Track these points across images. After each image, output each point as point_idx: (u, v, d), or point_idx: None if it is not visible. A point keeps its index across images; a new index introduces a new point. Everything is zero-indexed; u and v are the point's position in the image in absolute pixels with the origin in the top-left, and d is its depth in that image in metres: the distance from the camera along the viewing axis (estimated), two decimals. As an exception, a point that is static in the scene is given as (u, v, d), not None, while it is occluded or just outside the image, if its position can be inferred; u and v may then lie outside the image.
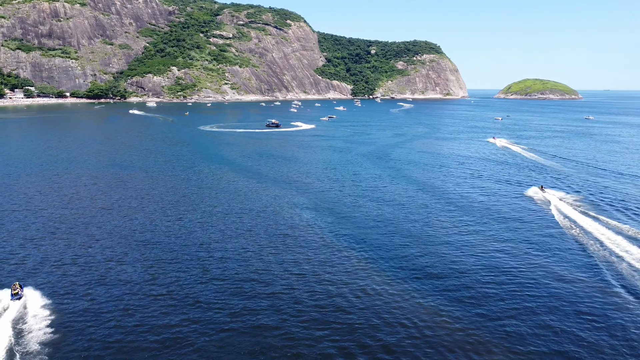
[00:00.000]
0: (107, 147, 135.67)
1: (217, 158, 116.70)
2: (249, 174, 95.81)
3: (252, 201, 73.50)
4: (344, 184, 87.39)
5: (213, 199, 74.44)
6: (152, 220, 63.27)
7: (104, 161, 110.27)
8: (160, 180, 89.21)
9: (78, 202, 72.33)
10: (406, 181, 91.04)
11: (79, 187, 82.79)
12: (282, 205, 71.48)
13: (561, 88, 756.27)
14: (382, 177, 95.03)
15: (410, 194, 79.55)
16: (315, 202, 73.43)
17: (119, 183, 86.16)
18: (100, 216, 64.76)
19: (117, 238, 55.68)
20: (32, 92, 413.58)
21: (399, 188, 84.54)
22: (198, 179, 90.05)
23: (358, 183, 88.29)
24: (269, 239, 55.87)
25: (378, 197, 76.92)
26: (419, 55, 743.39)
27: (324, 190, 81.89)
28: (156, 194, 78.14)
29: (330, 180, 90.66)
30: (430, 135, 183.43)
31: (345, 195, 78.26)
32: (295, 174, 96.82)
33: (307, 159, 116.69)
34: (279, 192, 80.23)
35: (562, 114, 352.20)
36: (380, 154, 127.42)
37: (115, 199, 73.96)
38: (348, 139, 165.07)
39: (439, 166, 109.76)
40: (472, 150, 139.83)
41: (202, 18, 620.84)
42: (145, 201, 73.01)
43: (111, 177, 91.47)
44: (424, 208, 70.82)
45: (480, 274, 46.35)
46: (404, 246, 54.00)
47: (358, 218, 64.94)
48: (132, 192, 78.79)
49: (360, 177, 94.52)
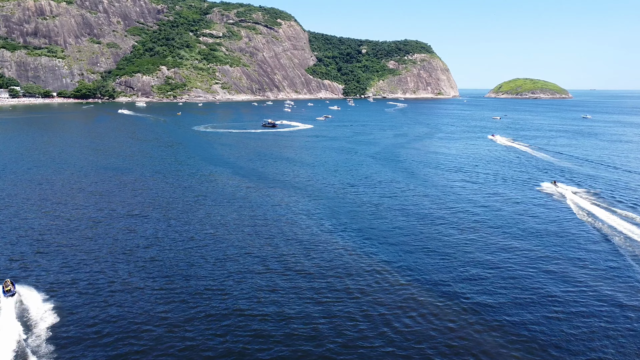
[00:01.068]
0: (98, 149, 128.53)
1: (217, 160, 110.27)
2: (255, 178, 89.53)
3: (263, 209, 67.49)
4: (359, 189, 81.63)
5: (221, 208, 68.18)
6: (156, 230, 57.10)
7: (96, 165, 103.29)
8: (160, 185, 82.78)
9: (69, 206, 65.82)
10: (423, 184, 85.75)
11: (68, 192, 76.09)
12: (298, 214, 65.54)
13: (552, 87, 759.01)
14: (397, 180, 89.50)
15: (431, 198, 74.25)
16: (333, 210, 67.61)
17: (114, 188, 79.57)
18: (97, 223, 58.49)
19: (114, 243, 49.88)
20: (17, 92, 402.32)
21: (418, 192, 79.18)
22: (200, 185, 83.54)
23: (373, 187, 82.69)
24: (290, 254, 50.05)
25: (399, 204, 71.40)
26: (410, 54, 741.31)
27: (340, 196, 76.08)
28: (157, 201, 71.76)
29: (343, 184, 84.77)
30: (433, 135, 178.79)
31: (364, 202, 72.47)
32: (305, 178, 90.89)
33: (313, 161, 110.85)
34: (291, 198, 74.14)
35: (558, 113, 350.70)
36: (387, 155, 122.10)
37: (110, 206, 67.46)
38: (350, 139, 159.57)
39: (450, 167, 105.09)
40: (478, 150, 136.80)
41: (191, 17, 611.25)
42: (146, 209, 66.68)
43: (105, 183, 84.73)
44: (447, 211, 65.77)
45: (526, 272, 43.00)
46: (444, 259, 48.57)
47: (383, 228, 59.35)
48: (129, 199, 72.34)
49: (373, 180, 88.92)
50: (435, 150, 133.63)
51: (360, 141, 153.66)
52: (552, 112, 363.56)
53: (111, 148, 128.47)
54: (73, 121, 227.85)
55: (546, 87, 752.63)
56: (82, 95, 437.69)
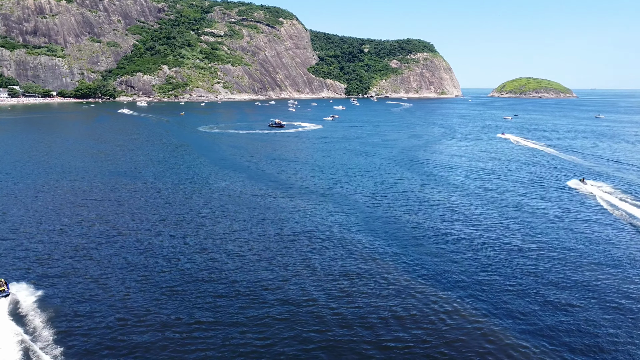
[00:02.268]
0: (100, 152, 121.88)
1: (229, 164, 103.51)
2: (273, 185, 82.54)
3: (290, 223, 60.63)
4: (389, 197, 74.77)
5: (242, 222, 61.32)
6: (170, 249, 50.56)
7: (99, 170, 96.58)
8: (170, 194, 76.11)
9: (71, 217, 59.26)
10: (454, 189, 79.26)
11: (70, 201, 69.54)
12: (330, 226, 58.79)
13: (555, 87, 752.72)
14: (427, 187, 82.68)
15: (467, 204, 67.82)
16: (368, 222, 60.90)
17: (120, 197, 72.95)
18: (104, 237, 51.98)
19: (121, 257, 43.56)
20: (16, 91, 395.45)
21: (451, 198, 72.76)
22: (215, 193, 76.46)
23: (404, 194, 76.02)
24: (329, 276, 43.55)
25: (440, 215, 64.77)
26: (412, 53, 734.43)
27: (371, 206, 69.23)
28: (168, 212, 65.14)
29: (371, 192, 77.76)
30: (450, 136, 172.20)
31: (399, 213, 65.72)
32: (327, 184, 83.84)
33: (332, 165, 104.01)
34: (318, 209, 67.10)
35: (569, 112, 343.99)
36: (408, 158, 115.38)
37: (117, 218, 60.97)
38: (365, 141, 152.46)
39: (475, 169, 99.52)
40: (498, 150, 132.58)
41: (192, 15, 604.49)
42: (158, 223, 60.09)
43: (110, 191, 78.08)
44: (488, 215, 59.35)
45: None
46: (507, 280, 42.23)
47: (429, 243, 52.90)
48: (138, 210, 65.72)
49: (402, 187, 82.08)
50: (457, 153, 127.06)
51: (375, 143, 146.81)
52: (562, 111, 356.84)
53: (114, 151, 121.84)
54: (73, 122, 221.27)
55: (550, 87, 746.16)
56: (82, 94, 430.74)
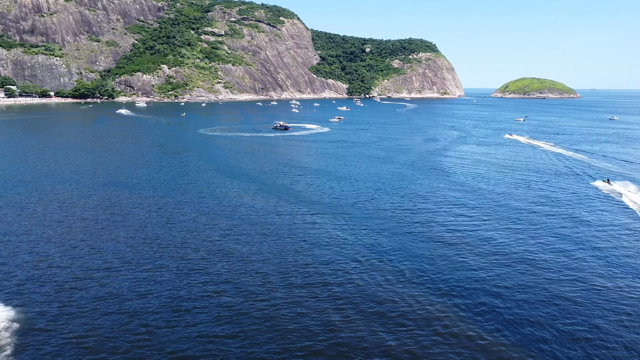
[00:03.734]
0: (97, 159, 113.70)
1: (236, 173, 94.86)
2: (289, 200, 73.24)
3: (315, 250, 51.91)
4: (423, 216, 65.64)
5: (258, 251, 53.17)
6: (177, 287, 42.65)
7: (96, 181, 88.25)
8: (171, 209, 68.01)
9: (63, 234, 51.34)
10: (492, 203, 70.84)
11: (63, 216, 61.48)
12: (363, 255, 50.15)
13: (559, 87, 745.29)
14: (463, 201, 73.39)
15: (507, 217, 59.87)
16: (408, 252, 52.69)
17: (116, 214, 64.91)
18: (96, 263, 44.15)
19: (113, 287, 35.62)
20: (13, 91, 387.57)
21: (494, 213, 64.68)
22: (224, 211, 66.91)
23: (438, 212, 67.24)
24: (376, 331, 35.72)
25: (480, 233, 56.99)
26: (414, 53, 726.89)
27: (406, 227, 60.35)
28: (170, 236, 57.18)
29: (402, 211, 67.76)
30: (467, 139, 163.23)
31: (439, 237, 57.57)
32: (349, 199, 74.21)
33: (349, 174, 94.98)
34: (345, 231, 58.09)
35: (580, 113, 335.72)
36: (431, 166, 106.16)
37: (110, 240, 52.94)
38: (378, 145, 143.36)
39: (502, 175, 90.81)
40: (518, 153, 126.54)
41: (192, 14, 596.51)
42: (158, 251, 52.12)
43: (104, 206, 69.80)
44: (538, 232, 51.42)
45: None
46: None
47: (489, 278, 45.10)
48: (135, 230, 57.78)
49: (432, 201, 72.97)
50: (480, 159, 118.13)
51: (390, 148, 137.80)
52: (572, 113, 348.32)
53: (110, 158, 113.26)
54: (70, 123, 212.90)
55: (554, 87, 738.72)
56: (80, 94, 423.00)
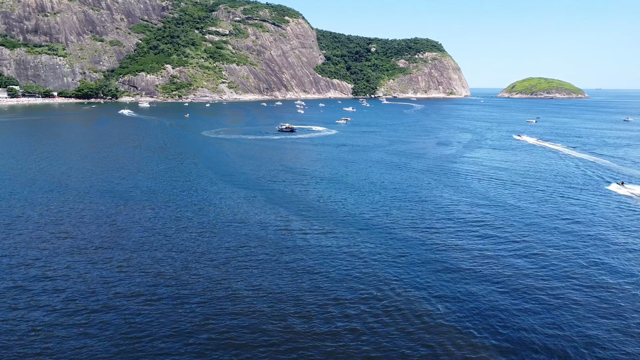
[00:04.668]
0: (96, 164, 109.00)
1: (241, 181, 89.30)
2: (299, 212, 67.67)
3: (332, 272, 47.12)
4: (445, 235, 60.40)
5: (269, 270, 48.63)
6: (178, 322, 37.76)
7: (90, 189, 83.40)
8: (173, 224, 63.23)
9: (54, 250, 46.64)
10: (521, 215, 65.93)
11: (47, 239, 56.78)
12: (385, 283, 45.57)
13: (567, 87, 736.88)
14: (487, 218, 68.14)
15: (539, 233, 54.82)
16: (436, 279, 48.03)
17: (110, 231, 60.19)
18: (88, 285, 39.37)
19: None
20: (16, 91, 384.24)
21: (523, 223, 59.63)
22: (229, 224, 62.18)
23: (464, 232, 61.59)
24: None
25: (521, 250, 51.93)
26: (420, 53, 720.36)
27: (429, 246, 55.95)
28: (172, 254, 52.33)
29: (424, 228, 62.69)
30: (481, 142, 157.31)
31: (467, 266, 52.62)
32: (364, 212, 68.87)
33: (362, 183, 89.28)
34: (362, 252, 52.65)
35: (593, 114, 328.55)
36: (448, 172, 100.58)
37: (102, 267, 48.13)
38: (389, 149, 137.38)
39: (523, 179, 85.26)
40: (535, 158, 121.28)
41: (196, 14, 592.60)
42: (155, 275, 47.30)
43: (98, 221, 65.11)
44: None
45: None
46: None
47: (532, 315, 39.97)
48: (130, 252, 52.96)
49: (456, 217, 67.24)
50: (499, 165, 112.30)
51: (402, 152, 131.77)
52: (585, 113, 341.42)
53: (109, 164, 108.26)
54: (70, 125, 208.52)
55: (562, 87, 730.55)
56: (83, 95, 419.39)
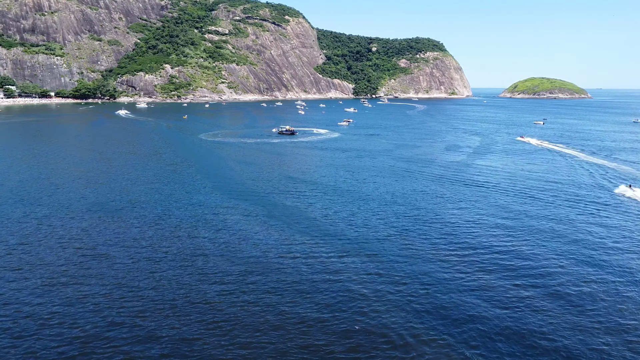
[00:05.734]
0: (85, 172, 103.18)
1: (239, 192, 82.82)
2: (304, 232, 60.55)
3: (348, 310, 42.06)
4: (470, 259, 54.45)
5: (276, 314, 42.79)
6: None
7: (75, 201, 77.73)
8: (165, 243, 57.43)
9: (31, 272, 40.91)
10: (552, 233, 60.31)
11: (20, 269, 51.05)
12: (412, 325, 40.15)
13: (570, 87, 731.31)
14: (514, 238, 63.17)
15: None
16: (464, 316, 42.29)
17: (96, 252, 54.42)
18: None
19: None
20: (12, 91, 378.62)
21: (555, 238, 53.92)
22: (227, 246, 55.60)
23: (491, 255, 56.16)
24: None
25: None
26: (422, 53, 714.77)
27: (455, 276, 49.87)
28: (163, 282, 46.59)
29: (445, 252, 56.18)
30: (492, 146, 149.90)
31: (496, 298, 47.01)
32: (375, 232, 62.43)
33: (369, 194, 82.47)
34: (382, 286, 46.52)
35: (600, 116, 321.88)
36: (463, 181, 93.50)
37: (89, 292, 42.40)
38: (395, 154, 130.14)
39: (550, 192, 79.49)
40: (551, 163, 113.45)
41: (196, 13, 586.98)
42: (149, 300, 41.56)
43: (82, 240, 59.31)
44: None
45: None
46: None
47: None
48: (121, 276, 47.20)
49: (479, 236, 61.64)
50: (512, 170, 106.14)
51: (410, 158, 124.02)
52: (592, 114, 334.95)
53: (99, 172, 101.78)
54: (64, 126, 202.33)
55: (564, 87, 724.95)
56: (81, 95, 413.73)
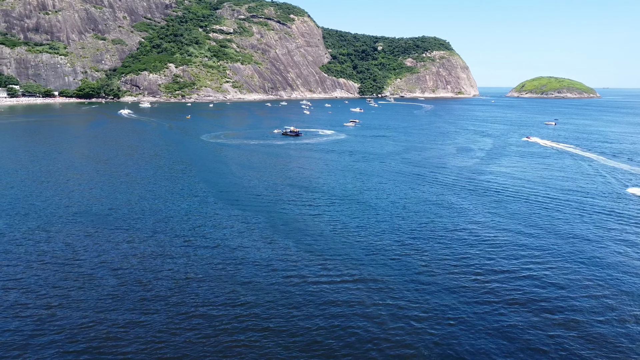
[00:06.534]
0: (77, 175, 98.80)
1: (241, 200, 77.38)
2: (316, 251, 55.11)
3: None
4: (498, 285, 50.26)
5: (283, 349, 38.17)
6: None
7: (65, 209, 73.34)
8: (158, 263, 52.76)
9: None
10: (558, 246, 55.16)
11: (13, 270, 46.55)
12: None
13: (578, 86, 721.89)
14: (539, 250, 58.12)
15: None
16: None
17: (81, 268, 49.89)
18: None
19: None
20: (16, 91, 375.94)
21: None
22: (225, 266, 51.21)
23: (520, 279, 51.27)
24: None
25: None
26: (428, 52, 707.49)
27: (484, 308, 45.29)
28: (154, 309, 41.98)
29: (468, 273, 51.40)
30: (506, 150, 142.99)
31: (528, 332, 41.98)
32: (393, 247, 57.43)
33: (383, 203, 76.87)
34: (395, 313, 42.32)
35: (611, 115, 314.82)
36: (480, 189, 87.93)
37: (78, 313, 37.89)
38: (406, 158, 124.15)
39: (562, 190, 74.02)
40: (562, 165, 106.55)
41: (200, 12, 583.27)
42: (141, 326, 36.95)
43: (68, 255, 54.89)
44: None
45: None
46: None
47: None
48: (109, 295, 42.65)
49: (505, 255, 56.54)
50: (529, 176, 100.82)
51: (421, 162, 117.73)
52: (603, 115, 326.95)
53: (91, 178, 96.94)
54: (64, 127, 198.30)
55: (572, 86, 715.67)
56: (85, 94, 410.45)
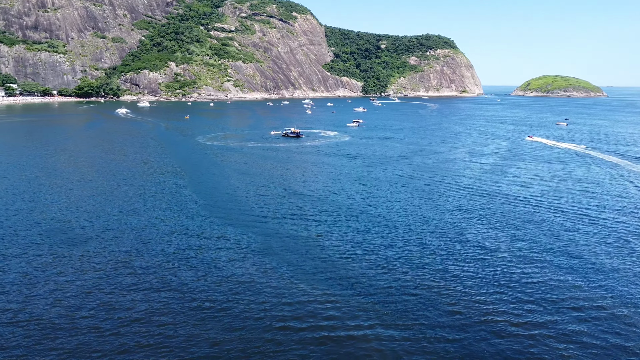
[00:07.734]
0: (61, 185, 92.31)
1: (234, 213, 70.17)
2: (318, 277, 48.19)
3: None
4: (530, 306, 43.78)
5: None
6: None
7: (47, 223, 66.56)
8: (136, 294, 46.00)
9: None
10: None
11: None
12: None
13: (584, 85, 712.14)
14: (574, 271, 51.12)
15: None
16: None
17: (51, 292, 43.02)
18: None
19: None
20: (14, 89, 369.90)
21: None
22: (217, 297, 44.67)
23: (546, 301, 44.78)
24: None
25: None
26: (432, 50, 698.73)
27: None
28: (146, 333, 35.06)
29: (499, 311, 46.06)
30: (521, 153, 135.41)
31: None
32: (408, 277, 49.73)
33: (391, 216, 69.78)
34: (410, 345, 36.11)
35: (622, 115, 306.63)
36: (500, 198, 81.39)
37: None
38: (413, 162, 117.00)
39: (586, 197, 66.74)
40: (585, 172, 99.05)
41: (202, 10, 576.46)
42: None
43: (50, 280, 48.19)
44: None
45: None
46: None
47: None
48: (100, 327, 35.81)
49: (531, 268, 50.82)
50: (546, 182, 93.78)
51: (431, 167, 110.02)
52: (614, 114, 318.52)
53: (74, 185, 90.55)
54: (58, 128, 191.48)
55: (579, 85, 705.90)
56: (84, 93, 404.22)
